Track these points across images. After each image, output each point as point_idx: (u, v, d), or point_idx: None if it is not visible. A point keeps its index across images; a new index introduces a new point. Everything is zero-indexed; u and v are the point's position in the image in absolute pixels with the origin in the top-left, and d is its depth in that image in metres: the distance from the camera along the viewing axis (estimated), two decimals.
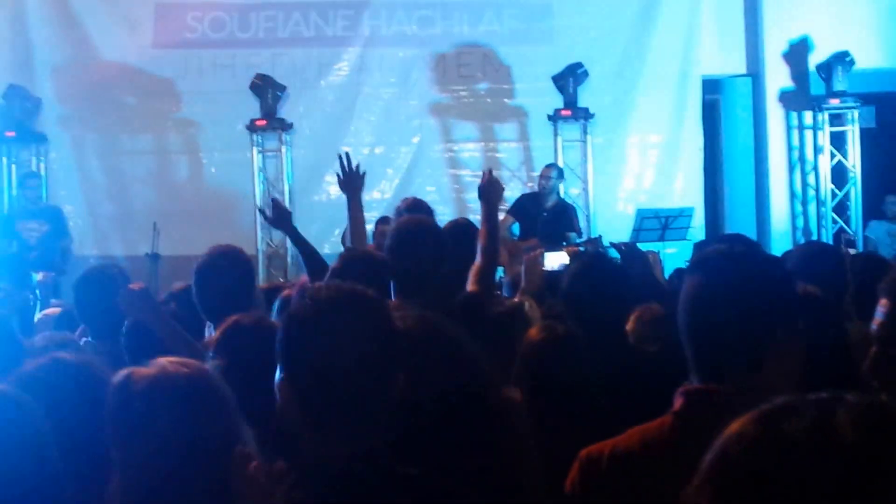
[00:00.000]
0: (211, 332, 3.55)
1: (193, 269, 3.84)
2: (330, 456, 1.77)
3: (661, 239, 9.61)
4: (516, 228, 9.50)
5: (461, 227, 4.71)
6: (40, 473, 1.96)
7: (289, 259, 10.09)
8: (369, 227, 8.99)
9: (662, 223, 9.70)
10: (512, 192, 10.32)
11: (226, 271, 3.93)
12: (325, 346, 1.76)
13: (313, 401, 1.77)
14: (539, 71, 10.47)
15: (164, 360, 2.03)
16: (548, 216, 9.39)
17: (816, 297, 3.36)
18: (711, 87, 11.03)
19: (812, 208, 10.87)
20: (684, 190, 10.56)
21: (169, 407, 1.94)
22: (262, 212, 4.25)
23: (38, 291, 8.61)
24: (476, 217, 10.14)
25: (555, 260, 7.26)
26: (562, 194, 9.95)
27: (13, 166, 10.49)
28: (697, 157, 10.70)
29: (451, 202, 10.46)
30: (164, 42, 10.51)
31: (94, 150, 10.41)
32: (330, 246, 10.04)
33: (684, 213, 9.85)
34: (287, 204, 10.39)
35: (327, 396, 1.76)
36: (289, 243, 10.30)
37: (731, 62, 11.04)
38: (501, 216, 9.68)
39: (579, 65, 10.31)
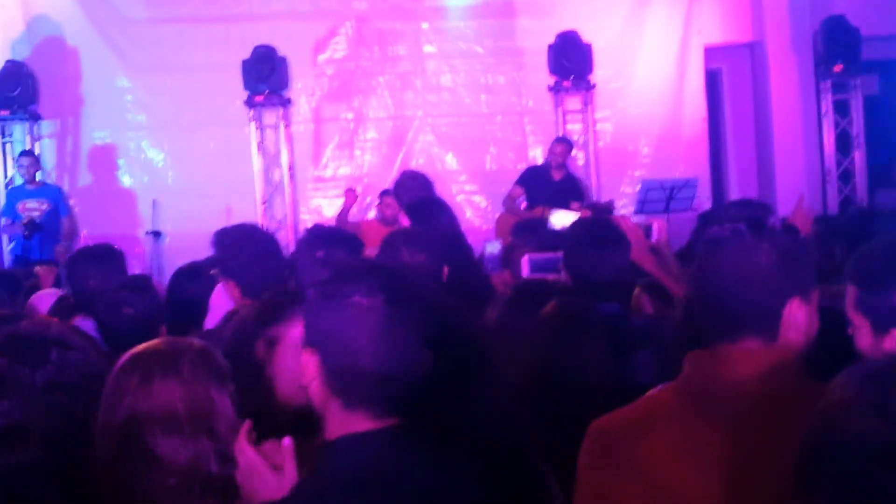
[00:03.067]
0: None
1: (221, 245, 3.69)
2: (354, 432, 1.73)
3: (667, 210, 9.52)
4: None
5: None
6: None
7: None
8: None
9: (667, 194, 9.61)
10: (516, 166, 10.23)
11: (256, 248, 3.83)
12: (348, 327, 1.72)
13: (339, 378, 1.74)
14: (539, 43, 10.31)
15: None
16: (556, 188, 9.32)
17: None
18: (714, 56, 10.90)
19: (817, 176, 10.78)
20: (688, 160, 10.46)
21: None
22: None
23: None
24: (473, 198, 10.01)
25: (564, 219, 7.06)
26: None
27: (7, 145, 10.34)
28: (701, 127, 10.60)
29: (447, 176, 10.33)
30: (158, 17, 10.35)
31: (87, 128, 10.24)
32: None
33: (689, 184, 9.77)
34: (286, 180, 10.27)
35: (353, 375, 1.72)
36: (291, 218, 10.18)
37: (733, 30, 10.92)
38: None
39: (579, 36, 10.19)
